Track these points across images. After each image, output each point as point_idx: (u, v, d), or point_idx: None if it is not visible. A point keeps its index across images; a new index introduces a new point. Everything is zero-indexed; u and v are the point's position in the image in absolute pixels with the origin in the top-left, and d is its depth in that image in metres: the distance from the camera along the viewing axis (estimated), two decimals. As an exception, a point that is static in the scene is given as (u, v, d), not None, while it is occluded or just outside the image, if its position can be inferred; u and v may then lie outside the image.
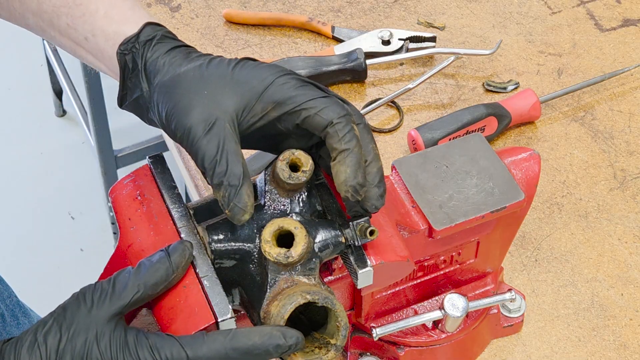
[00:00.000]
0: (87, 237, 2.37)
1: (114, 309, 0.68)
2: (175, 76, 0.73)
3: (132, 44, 0.76)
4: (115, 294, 0.68)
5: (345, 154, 0.69)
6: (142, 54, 0.76)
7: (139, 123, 0.82)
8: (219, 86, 0.71)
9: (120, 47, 0.77)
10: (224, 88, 0.71)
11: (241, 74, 0.72)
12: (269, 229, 0.70)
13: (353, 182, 0.69)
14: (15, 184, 2.48)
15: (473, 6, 1.30)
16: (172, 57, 0.75)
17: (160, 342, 0.66)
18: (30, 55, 2.70)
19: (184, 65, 0.74)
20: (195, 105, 0.70)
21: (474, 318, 0.91)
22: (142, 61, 0.75)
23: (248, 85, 0.71)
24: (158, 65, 0.75)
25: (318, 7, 1.30)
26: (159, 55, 0.75)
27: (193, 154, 0.70)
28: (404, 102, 1.18)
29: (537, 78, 1.21)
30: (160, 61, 0.75)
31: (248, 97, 0.71)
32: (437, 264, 0.89)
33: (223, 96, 0.71)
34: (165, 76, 0.74)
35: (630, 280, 1.02)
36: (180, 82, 0.72)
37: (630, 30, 1.27)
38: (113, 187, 0.79)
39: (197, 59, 0.74)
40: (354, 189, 0.69)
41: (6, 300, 1.16)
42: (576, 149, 1.14)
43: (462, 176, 0.83)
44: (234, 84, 0.72)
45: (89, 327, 0.67)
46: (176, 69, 0.74)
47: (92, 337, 0.67)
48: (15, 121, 2.61)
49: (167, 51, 0.75)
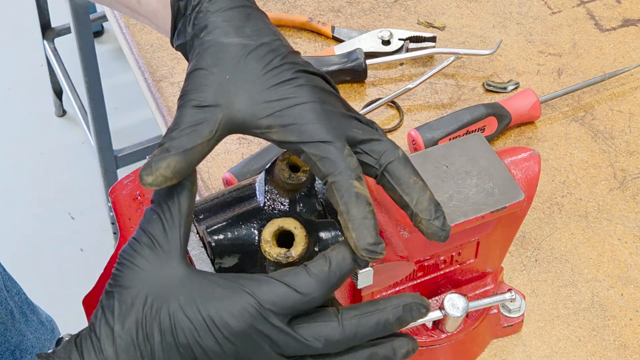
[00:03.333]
0: (87, 237, 2.37)
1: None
2: (215, 44, 0.69)
3: None
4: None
5: (345, 217, 0.64)
6: (199, 1, 0.71)
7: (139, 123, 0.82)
8: (242, 81, 0.67)
9: None
10: (245, 86, 0.67)
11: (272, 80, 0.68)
12: (269, 229, 0.70)
13: (363, 245, 0.64)
14: (15, 184, 2.48)
15: (473, 6, 1.30)
16: (225, 20, 0.70)
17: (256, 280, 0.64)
18: (30, 55, 2.70)
19: (230, 36, 0.69)
20: (210, 82, 0.67)
21: (474, 318, 0.91)
22: (197, 9, 0.70)
23: (269, 96, 0.67)
24: (208, 21, 0.70)
25: (318, 7, 1.30)
26: (215, 10, 0.70)
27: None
28: (404, 102, 1.18)
29: (537, 78, 1.21)
30: (211, 18, 0.70)
31: (261, 107, 0.67)
32: (437, 264, 0.89)
33: (238, 93, 0.67)
34: (209, 35, 0.69)
35: (630, 280, 1.02)
36: (215, 53, 0.68)
37: (630, 30, 1.27)
38: (113, 187, 0.79)
39: (247, 37, 0.69)
40: (368, 252, 0.64)
41: (15, 297, 1.17)
42: (576, 149, 1.14)
43: (462, 176, 0.83)
44: (259, 86, 0.68)
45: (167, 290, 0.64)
46: (220, 37, 0.69)
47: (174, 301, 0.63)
48: (15, 121, 2.61)
49: (225, 9, 0.70)
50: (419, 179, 0.67)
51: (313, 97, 0.67)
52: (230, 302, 0.63)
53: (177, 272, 0.65)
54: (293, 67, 0.69)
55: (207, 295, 0.64)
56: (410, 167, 0.67)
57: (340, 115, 0.68)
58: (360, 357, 0.65)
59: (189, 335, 0.63)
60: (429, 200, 0.66)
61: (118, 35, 1.28)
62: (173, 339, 0.63)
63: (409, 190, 0.66)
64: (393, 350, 0.66)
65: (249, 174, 1.05)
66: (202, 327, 0.63)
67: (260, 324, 0.63)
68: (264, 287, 0.64)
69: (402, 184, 0.66)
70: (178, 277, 0.64)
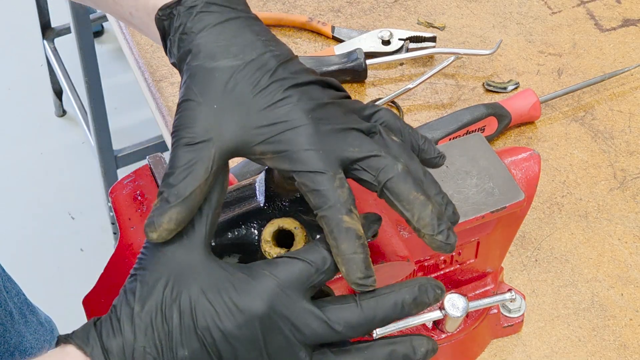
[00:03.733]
0: (87, 237, 2.37)
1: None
2: (200, 70, 0.67)
3: (170, 10, 0.70)
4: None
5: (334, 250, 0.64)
6: (182, 23, 0.69)
7: (139, 123, 0.82)
8: (231, 108, 0.66)
9: (159, 11, 0.70)
10: (234, 113, 0.66)
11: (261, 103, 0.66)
12: (269, 229, 0.70)
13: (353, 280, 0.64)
14: (15, 184, 2.48)
15: (473, 6, 1.30)
16: (209, 42, 0.68)
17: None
18: (30, 55, 2.70)
19: (216, 59, 0.67)
20: (199, 113, 0.66)
21: (474, 318, 0.91)
22: (180, 32, 0.69)
23: (260, 121, 0.66)
24: (192, 45, 0.68)
25: (318, 7, 1.30)
26: (199, 30, 0.68)
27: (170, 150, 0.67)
28: (404, 102, 1.18)
29: (537, 78, 1.21)
30: (195, 41, 0.68)
31: (252, 135, 0.66)
32: (437, 264, 0.89)
33: (230, 119, 0.66)
34: (193, 61, 0.68)
35: (630, 280, 1.02)
36: (202, 80, 0.67)
37: (630, 30, 1.27)
38: (113, 187, 0.79)
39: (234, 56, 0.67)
40: (358, 286, 0.64)
41: (14, 298, 1.17)
42: (576, 149, 1.14)
43: (462, 176, 0.83)
44: (248, 111, 0.66)
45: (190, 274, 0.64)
46: (205, 62, 0.67)
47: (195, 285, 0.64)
48: (15, 121, 2.61)
49: (209, 27, 0.68)
50: (419, 193, 0.66)
51: (305, 119, 0.66)
52: (252, 286, 0.64)
53: (199, 259, 0.65)
54: (282, 85, 0.67)
55: (228, 279, 0.64)
56: (410, 182, 0.66)
57: (336, 132, 0.66)
58: (381, 354, 0.65)
59: (208, 319, 0.63)
60: (430, 215, 0.65)
61: (118, 35, 1.28)
62: (192, 322, 0.63)
63: (410, 206, 0.65)
64: (413, 349, 0.66)
65: (249, 174, 1.05)
66: (223, 310, 0.63)
67: (281, 304, 0.63)
68: (281, 267, 0.65)
69: (402, 200, 0.65)
70: (200, 263, 0.65)
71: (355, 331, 0.65)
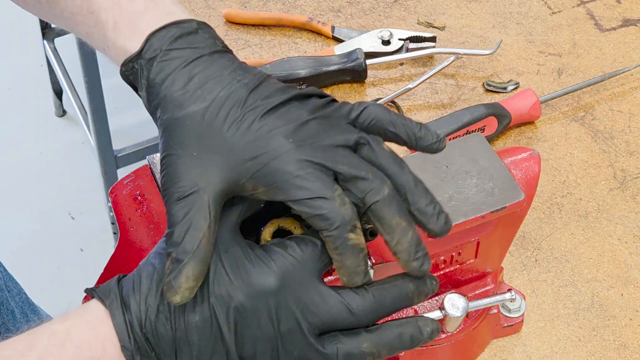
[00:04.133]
0: (87, 237, 2.37)
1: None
2: (171, 122, 0.66)
3: (133, 64, 0.69)
4: None
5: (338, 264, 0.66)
6: (144, 77, 0.68)
7: (139, 123, 0.82)
8: (211, 149, 0.65)
9: (122, 67, 0.70)
10: (215, 156, 0.65)
11: (239, 138, 0.65)
12: (269, 228, 0.70)
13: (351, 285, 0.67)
14: (15, 184, 2.48)
15: (473, 6, 1.30)
16: (175, 90, 0.67)
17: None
18: (30, 55, 2.70)
19: (184, 107, 0.66)
20: (181, 166, 0.65)
21: (474, 318, 0.91)
22: (145, 85, 0.68)
23: (242, 157, 0.65)
24: (160, 97, 0.67)
25: (318, 7, 1.30)
26: (162, 81, 0.67)
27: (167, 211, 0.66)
28: (404, 102, 1.18)
29: (537, 78, 1.21)
30: (162, 92, 0.67)
31: (238, 172, 0.65)
32: (437, 264, 0.89)
33: (212, 163, 0.65)
34: (164, 113, 0.67)
35: (630, 280, 1.02)
36: (176, 130, 0.66)
37: (630, 30, 1.27)
38: (113, 187, 0.79)
39: (202, 99, 0.66)
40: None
41: (15, 297, 1.17)
42: (576, 149, 1.14)
43: (462, 176, 0.83)
44: (228, 150, 0.65)
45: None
46: (175, 112, 0.66)
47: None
48: (15, 121, 2.61)
49: (173, 74, 0.67)
50: (402, 219, 0.66)
51: (287, 145, 0.65)
52: (267, 262, 0.65)
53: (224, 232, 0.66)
54: (256, 113, 0.66)
55: (247, 254, 0.66)
56: (395, 207, 0.66)
57: (322, 150, 0.66)
58: (390, 335, 0.67)
59: (222, 287, 0.64)
60: (409, 242, 0.66)
61: (118, 35, 1.28)
62: (207, 288, 0.64)
63: (390, 230, 0.66)
64: (419, 329, 0.68)
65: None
66: (237, 281, 0.64)
67: (294, 282, 0.65)
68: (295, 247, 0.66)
69: (384, 224, 0.66)
70: (225, 236, 0.66)
71: (367, 316, 0.66)
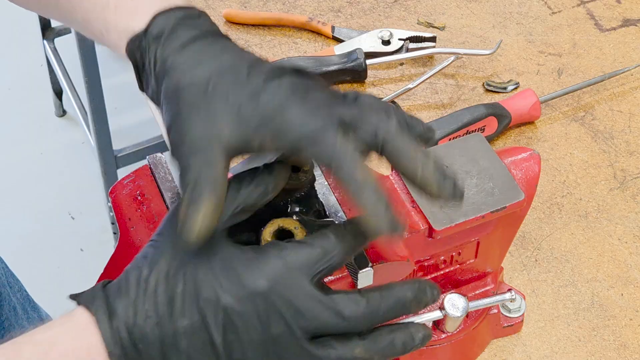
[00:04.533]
0: (87, 237, 2.37)
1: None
2: (180, 84, 0.67)
3: (139, 41, 0.70)
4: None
5: (356, 202, 0.64)
6: (151, 52, 0.69)
7: (139, 123, 0.82)
8: (217, 107, 0.66)
9: (128, 44, 0.71)
10: (221, 110, 0.66)
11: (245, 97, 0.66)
12: (269, 228, 0.70)
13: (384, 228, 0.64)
14: (16, 184, 2.48)
15: (473, 6, 1.30)
16: (183, 57, 0.68)
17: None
18: (30, 55, 2.70)
19: (192, 69, 0.67)
20: (189, 125, 0.65)
21: (474, 318, 0.91)
22: (152, 60, 0.69)
23: (248, 112, 0.65)
24: (167, 66, 0.68)
25: (318, 7, 1.30)
26: (169, 54, 0.68)
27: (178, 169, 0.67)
28: (404, 102, 1.18)
29: (537, 78, 1.21)
30: (169, 61, 0.68)
31: (245, 126, 0.65)
32: (437, 264, 0.89)
33: (221, 119, 0.65)
34: (171, 81, 0.68)
35: (630, 280, 1.02)
36: (184, 92, 0.67)
37: (630, 30, 1.27)
38: (113, 187, 0.79)
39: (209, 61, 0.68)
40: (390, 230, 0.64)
41: (17, 294, 1.17)
42: (576, 149, 1.14)
43: (462, 176, 0.83)
44: (235, 107, 0.66)
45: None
46: (183, 75, 0.67)
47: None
48: (15, 121, 2.61)
49: (179, 47, 0.68)
50: (418, 147, 0.65)
51: (292, 98, 0.66)
52: (258, 264, 0.64)
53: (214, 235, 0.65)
54: (261, 77, 0.67)
55: (237, 256, 0.65)
56: (407, 137, 0.65)
57: (325, 105, 0.66)
58: (383, 342, 0.66)
59: (211, 290, 0.64)
60: (434, 167, 0.65)
61: (118, 35, 1.28)
62: (195, 292, 0.64)
63: (413, 160, 0.65)
64: (411, 335, 0.67)
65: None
66: (227, 284, 0.64)
67: (284, 285, 0.64)
68: (289, 249, 0.65)
69: (403, 156, 0.65)
70: (214, 238, 0.65)
71: (359, 322, 0.65)
